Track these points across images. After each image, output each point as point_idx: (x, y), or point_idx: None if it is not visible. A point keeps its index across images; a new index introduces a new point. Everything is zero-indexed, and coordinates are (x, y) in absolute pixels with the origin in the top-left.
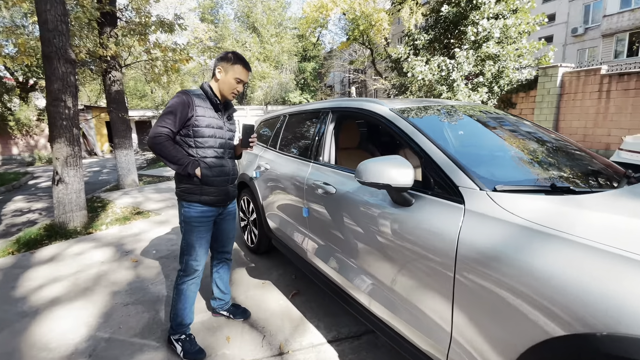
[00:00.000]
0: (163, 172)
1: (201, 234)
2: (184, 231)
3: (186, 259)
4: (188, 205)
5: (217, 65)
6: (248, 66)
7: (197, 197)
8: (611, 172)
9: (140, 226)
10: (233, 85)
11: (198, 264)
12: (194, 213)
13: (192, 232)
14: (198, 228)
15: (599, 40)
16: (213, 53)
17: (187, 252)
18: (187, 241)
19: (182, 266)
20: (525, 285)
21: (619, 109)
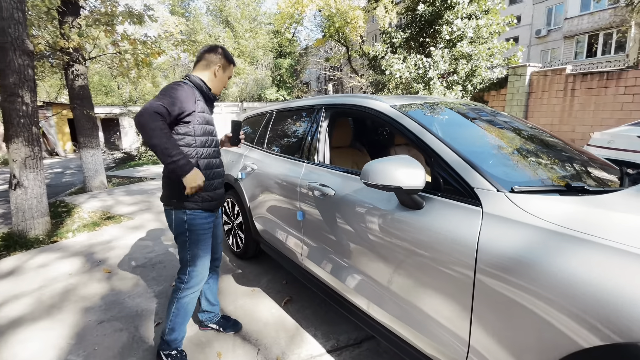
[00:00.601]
0: (134, 172)
1: (206, 242)
2: (190, 242)
3: (190, 271)
4: (192, 212)
5: (216, 62)
6: (234, 62)
7: (199, 203)
8: (609, 169)
9: (111, 232)
10: (225, 82)
11: (203, 274)
12: (199, 220)
13: (198, 242)
14: (204, 236)
15: (561, 41)
16: (187, 47)
17: (192, 264)
18: (193, 252)
19: (184, 278)
20: (557, 293)
21: (583, 107)
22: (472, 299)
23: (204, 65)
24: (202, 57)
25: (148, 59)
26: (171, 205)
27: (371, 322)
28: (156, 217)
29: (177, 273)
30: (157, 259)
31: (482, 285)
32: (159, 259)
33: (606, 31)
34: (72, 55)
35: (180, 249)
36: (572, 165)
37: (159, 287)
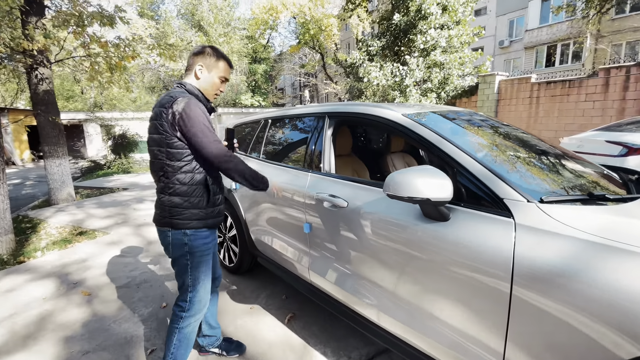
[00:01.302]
0: (104, 183)
1: (208, 264)
2: (191, 265)
3: (192, 297)
4: (193, 232)
5: (197, 62)
6: (231, 63)
7: (203, 222)
8: (610, 176)
9: (86, 250)
10: (217, 85)
11: (206, 299)
12: (201, 240)
13: (200, 264)
14: (206, 257)
15: (522, 52)
16: (163, 50)
17: (194, 289)
18: (194, 276)
19: (185, 306)
20: (598, 305)
21: (547, 113)
22: (508, 312)
23: (188, 69)
24: (188, 60)
25: (123, 62)
26: (168, 226)
27: (388, 336)
28: (135, 230)
29: (175, 300)
30: (142, 278)
31: (519, 298)
32: (144, 277)
33: (564, 42)
34: (36, 57)
35: (180, 273)
36: (581, 174)
37: (147, 309)
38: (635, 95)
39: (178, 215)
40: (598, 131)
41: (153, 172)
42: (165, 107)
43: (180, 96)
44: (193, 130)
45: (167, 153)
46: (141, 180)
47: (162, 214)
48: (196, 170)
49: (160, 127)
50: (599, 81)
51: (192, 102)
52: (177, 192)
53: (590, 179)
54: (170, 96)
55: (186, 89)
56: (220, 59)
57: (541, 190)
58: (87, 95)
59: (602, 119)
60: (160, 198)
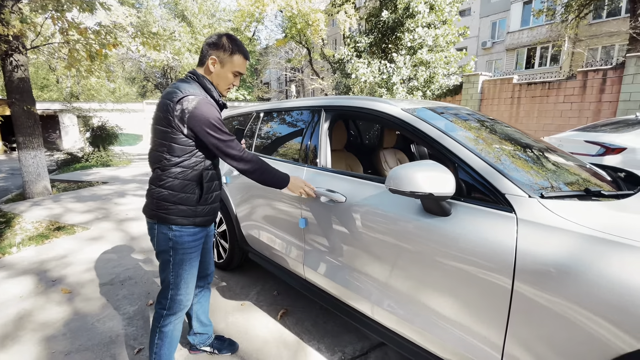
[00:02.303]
0: (82, 176)
1: (193, 262)
2: (174, 261)
3: (173, 295)
4: (179, 229)
5: (210, 54)
6: (248, 55)
7: (191, 219)
8: (600, 173)
9: (65, 245)
10: (230, 79)
11: (188, 298)
12: (187, 237)
13: (183, 262)
14: (191, 255)
15: (503, 53)
16: (146, 39)
17: (175, 286)
18: (176, 273)
19: (166, 303)
20: (600, 299)
21: (527, 114)
22: (509, 307)
23: (201, 60)
24: (202, 50)
25: (104, 50)
26: (154, 219)
27: (385, 331)
28: (117, 226)
29: (157, 297)
30: (126, 274)
31: (520, 293)
32: (128, 274)
33: (543, 45)
34: (11, 43)
35: (162, 269)
36: (574, 171)
37: (133, 306)
38: (610, 97)
39: (164, 210)
40: (576, 131)
41: (150, 162)
42: (173, 101)
43: (191, 92)
44: (206, 132)
45: (169, 147)
46: (122, 173)
47: (150, 206)
48: (193, 167)
49: (165, 120)
50: (576, 83)
51: (203, 101)
52: (168, 186)
53: (583, 176)
54: (179, 89)
55: (198, 81)
56: (236, 52)
57: (541, 186)
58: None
59: (578, 120)
60: (150, 189)
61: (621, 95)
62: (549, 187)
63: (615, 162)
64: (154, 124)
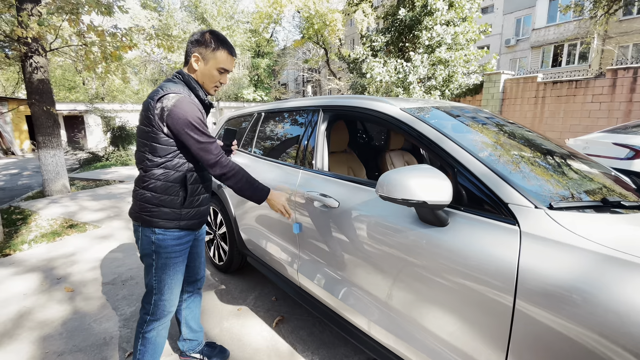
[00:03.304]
0: (101, 174)
1: (178, 267)
2: (156, 265)
3: (157, 300)
4: (162, 232)
5: (193, 52)
6: (234, 51)
7: (176, 222)
8: (621, 180)
9: (75, 243)
10: (216, 77)
11: (172, 304)
12: (170, 241)
13: (166, 266)
14: (175, 260)
15: (528, 51)
16: (161, 41)
17: (158, 291)
18: (159, 278)
19: (149, 308)
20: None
21: (552, 114)
22: (510, 327)
23: (186, 59)
24: (186, 48)
25: (118, 52)
26: (138, 221)
27: (376, 346)
28: (126, 224)
29: (141, 301)
30: (128, 274)
31: (522, 313)
32: (130, 274)
33: (571, 42)
34: (30, 45)
35: (146, 273)
36: (592, 177)
37: (131, 307)
38: None
39: (147, 212)
40: (604, 133)
41: (136, 162)
42: (154, 100)
43: (172, 90)
44: (184, 132)
45: (150, 147)
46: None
47: (134, 208)
48: (176, 168)
49: (146, 120)
50: (606, 82)
51: (184, 99)
52: (150, 187)
53: (602, 183)
54: (162, 88)
55: (183, 80)
56: (219, 48)
57: (550, 195)
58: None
59: (607, 120)
60: (135, 190)
61: None
62: (560, 196)
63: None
64: (138, 124)
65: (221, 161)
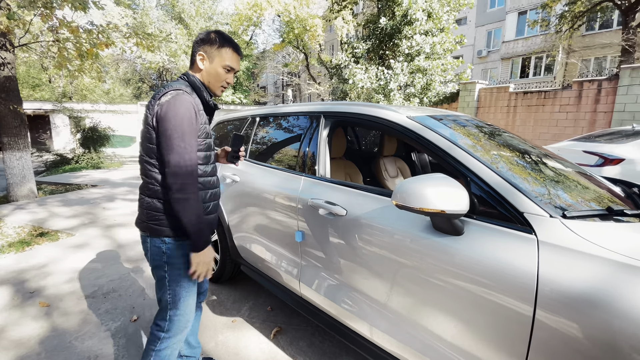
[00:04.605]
0: (71, 178)
1: (191, 279)
2: (170, 278)
3: (172, 316)
4: (173, 241)
5: (198, 50)
6: (239, 49)
7: (181, 230)
8: (613, 188)
9: (47, 253)
10: (222, 76)
11: (189, 318)
12: (183, 251)
13: (181, 277)
14: (188, 271)
15: (499, 62)
16: (140, 40)
17: (174, 306)
18: (174, 291)
19: (164, 325)
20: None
21: (523, 122)
22: (529, 338)
23: (191, 60)
24: (192, 49)
25: (95, 50)
26: (146, 231)
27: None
28: (103, 232)
29: (154, 318)
30: (110, 287)
31: (543, 323)
32: (112, 285)
33: (537, 55)
34: None
35: (159, 287)
36: (590, 187)
37: (116, 322)
38: (605, 108)
39: (155, 221)
40: (574, 141)
41: (140, 167)
42: (154, 98)
43: (173, 87)
44: (164, 128)
45: (146, 148)
46: (112, 176)
47: (141, 217)
48: None
49: (145, 119)
50: (572, 93)
51: (182, 96)
52: (155, 194)
53: (602, 193)
54: (163, 87)
55: (188, 81)
56: (224, 45)
57: (561, 204)
58: (56, 84)
59: (574, 129)
60: (140, 198)
61: (616, 106)
62: (569, 205)
63: (614, 173)
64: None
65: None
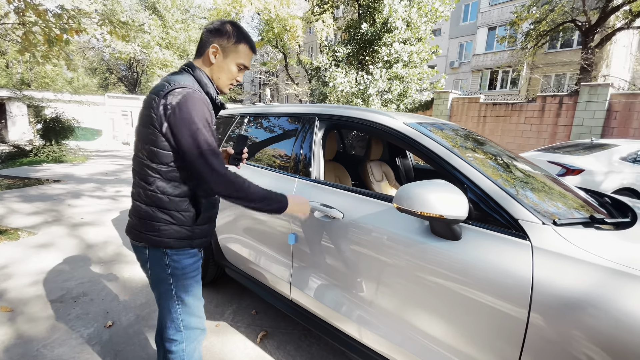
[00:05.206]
0: (30, 172)
1: (198, 282)
2: (177, 289)
3: (187, 323)
4: (176, 252)
5: (212, 42)
6: (254, 47)
7: (188, 241)
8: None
9: (6, 253)
10: (234, 73)
11: (204, 319)
12: (186, 260)
13: (188, 288)
14: (195, 279)
15: (469, 73)
16: (116, 28)
17: (186, 313)
18: (183, 300)
19: (180, 337)
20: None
21: (492, 132)
22: (522, 341)
23: (200, 50)
24: (201, 39)
25: (65, 36)
26: (143, 242)
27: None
28: (70, 231)
29: (163, 336)
30: (79, 290)
31: (536, 326)
32: (82, 289)
33: (504, 69)
34: None
35: (164, 299)
36: (570, 196)
37: (88, 329)
38: (565, 122)
39: (155, 231)
40: (539, 152)
41: (133, 170)
42: (158, 96)
43: (180, 84)
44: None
45: (149, 152)
46: (77, 171)
47: (136, 227)
48: (184, 181)
49: (149, 119)
50: (536, 107)
51: (192, 95)
52: (157, 203)
53: (580, 202)
54: (168, 82)
55: (193, 75)
56: (242, 41)
57: (550, 212)
58: (14, 70)
59: (537, 140)
60: (135, 206)
61: (575, 120)
62: (558, 213)
63: (574, 183)
64: (138, 125)
65: (227, 176)
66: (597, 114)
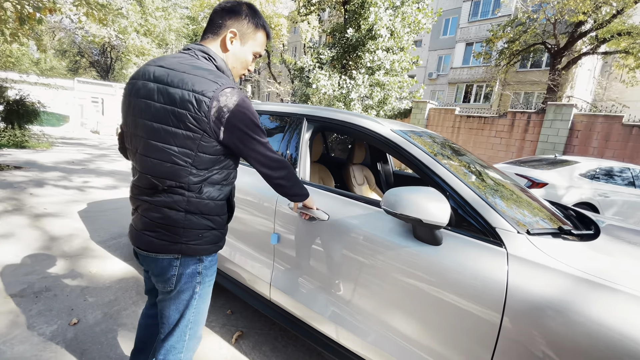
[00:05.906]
0: None
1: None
2: (199, 297)
3: (193, 333)
4: (210, 258)
5: (230, 26)
6: (270, 33)
7: (220, 244)
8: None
9: None
10: (249, 62)
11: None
12: (215, 265)
13: (207, 295)
14: (212, 284)
15: (446, 85)
16: (93, 10)
17: (196, 323)
18: (199, 308)
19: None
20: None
21: (465, 143)
22: (495, 343)
23: (213, 32)
24: (213, 19)
25: (37, 15)
26: (176, 253)
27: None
28: (32, 222)
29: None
30: (42, 284)
31: (508, 330)
32: (45, 283)
33: (479, 83)
34: None
35: (182, 307)
36: (539, 208)
37: (51, 326)
38: (532, 137)
39: (196, 239)
40: (507, 164)
41: (157, 177)
42: (203, 94)
43: (225, 84)
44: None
45: (195, 158)
46: (41, 158)
47: (169, 238)
48: (225, 182)
49: (189, 121)
50: (507, 121)
51: (243, 95)
52: (202, 210)
53: (548, 213)
54: (208, 79)
55: (216, 65)
56: (260, 27)
57: (523, 222)
58: None
59: (505, 153)
60: (169, 215)
61: (541, 137)
62: (529, 223)
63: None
64: (154, 122)
65: (289, 167)
66: (560, 132)
